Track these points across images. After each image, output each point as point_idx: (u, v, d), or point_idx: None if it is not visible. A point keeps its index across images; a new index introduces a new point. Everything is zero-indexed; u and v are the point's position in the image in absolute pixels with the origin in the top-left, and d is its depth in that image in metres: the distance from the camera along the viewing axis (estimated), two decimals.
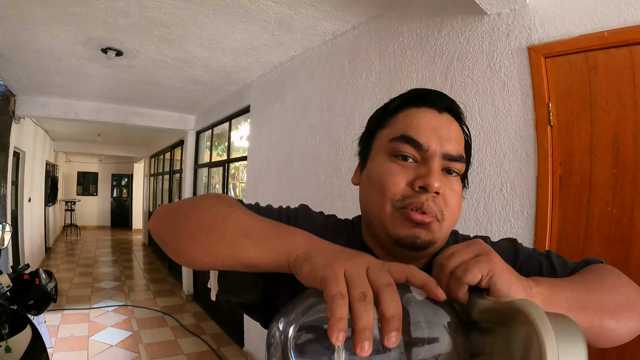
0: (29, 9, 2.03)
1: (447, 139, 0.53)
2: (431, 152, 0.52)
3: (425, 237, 0.51)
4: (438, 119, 0.55)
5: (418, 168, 0.53)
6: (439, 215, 0.52)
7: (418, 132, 0.53)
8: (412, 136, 0.53)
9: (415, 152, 0.53)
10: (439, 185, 0.51)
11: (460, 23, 1.59)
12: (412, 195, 0.51)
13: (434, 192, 0.51)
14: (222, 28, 2.23)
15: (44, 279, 1.99)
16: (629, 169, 1.14)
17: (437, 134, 0.53)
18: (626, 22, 1.15)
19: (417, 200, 0.51)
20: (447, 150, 0.53)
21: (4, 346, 1.66)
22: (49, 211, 7.51)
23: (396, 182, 0.52)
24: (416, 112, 0.55)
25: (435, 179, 0.51)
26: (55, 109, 4.20)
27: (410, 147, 0.53)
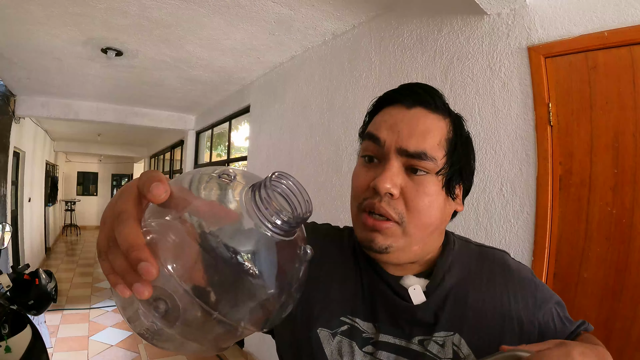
0: (29, 9, 2.03)
1: (407, 135, 0.50)
2: (386, 147, 0.50)
3: (381, 242, 0.50)
4: (403, 115, 0.52)
5: (378, 168, 0.51)
6: (398, 218, 0.49)
7: (378, 127, 0.52)
8: (372, 132, 0.52)
9: (375, 149, 0.52)
10: (389, 186, 0.48)
11: (460, 23, 1.58)
12: (369, 196, 0.50)
13: (388, 194, 0.49)
14: (222, 28, 2.23)
15: (44, 279, 1.99)
16: (629, 169, 1.14)
17: (395, 130, 0.51)
18: (626, 22, 1.15)
19: (370, 202, 0.50)
20: (402, 145, 0.49)
21: (4, 346, 1.66)
22: (49, 211, 7.51)
23: (359, 183, 0.52)
24: (386, 110, 0.54)
25: (385, 180, 0.48)
26: (55, 109, 4.20)
27: (372, 144, 0.52)
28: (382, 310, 0.54)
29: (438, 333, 0.52)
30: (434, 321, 0.52)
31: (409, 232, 0.50)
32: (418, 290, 0.53)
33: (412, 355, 0.51)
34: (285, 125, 2.81)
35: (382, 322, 0.54)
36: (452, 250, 0.58)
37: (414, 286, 0.54)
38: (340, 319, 0.55)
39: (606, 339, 1.12)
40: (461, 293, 0.54)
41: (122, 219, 0.28)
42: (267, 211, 0.29)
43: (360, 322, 0.54)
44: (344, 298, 0.56)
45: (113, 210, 0.29)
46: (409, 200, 0.49)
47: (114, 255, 0.28)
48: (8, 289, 1.85)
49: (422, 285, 0.54)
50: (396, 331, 0.53)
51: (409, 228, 0.50)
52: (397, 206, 0.49)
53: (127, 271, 0.27)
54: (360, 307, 0.55)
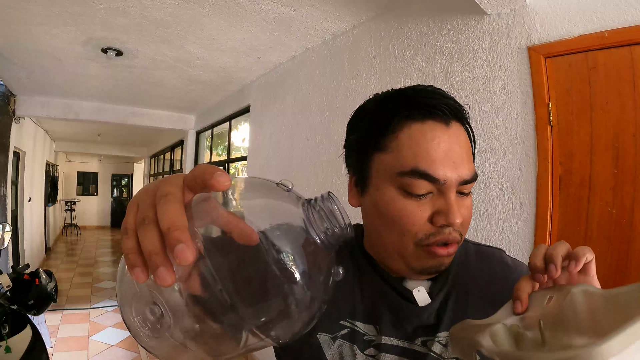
0: (29, 9, 2.03)
1: (460, 162, 0.47)
2: (448, 184, 0.47)
3: (447, 262, 0.51)
4: (448, 137, 0.48)
5: (434, 201, 0.48)
6: (461, 239, 0.51)
7: (430, 163, 0.46)
8: (425, 171, 0.47)
9: (431, 187, 0.48)
10: (460, 220, 0.48)
11: (460, 23, 1.58)
12: (436, 232, 0.48)
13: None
14: (222, 28, 2.23)
15: (44, 279, 1.99)
16: (629, 169, 1.14)
17: (450, 160, 0.47)
18: (626, 22, 1.15)
19: (441, 238, 0.48)
20: (462, 176, 0.48)
21: (4, 346, 1.66)
22: (49, 211, 7.51)
23: (415, 221, 0.48)
24: (420, 131, 0.48)
25: (457, 214, 0.47)
26: (55, 109, 4.20)
27: (425, 182, 0.47)
28: (385, 313, 0.54)
29: (441, 333, 0.52)
30: (437, 322, 0.53)
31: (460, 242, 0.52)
32: (423, 292, 0.54)
33: (416, 356, 0.51)
34: (285, 125, 2.81)
35: (384, 324, 0.53)
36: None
37: (418, 288, 0.54)
38: (340, 322, 0.55)
39: None
40: (462, 292, 0.55)
41: (168, 199, 0.26)
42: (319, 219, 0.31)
43: (361, 324, 0.54)
44: (343, 301, 0.56)
45: (155, 192, 0.27)
46: (465, 221, 0.50)
47: (147, 231, 0.25)
48: (8, 289, 1.85)
49: (426, 287, 0.55)
50: (399, 333, 0.53)
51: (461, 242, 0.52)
52: (461, 229, 0.50)
53: (156, 252, 0.24)
54: (359, 310, 0.55)
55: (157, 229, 0.25)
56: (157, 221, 0.25)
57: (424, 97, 0.49)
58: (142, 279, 0.24)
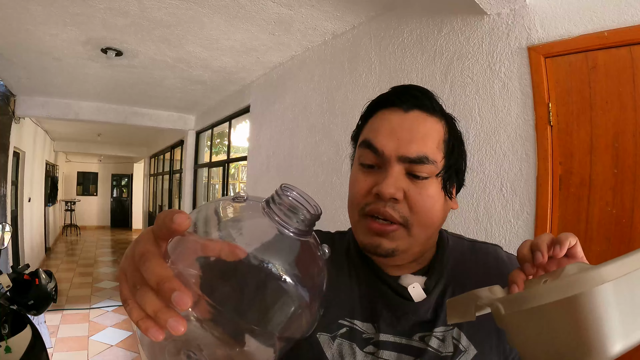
0: (29, 9, 2.03)
1: (406, 141, 0.50)
2: (386, 155, 0.50)
3: (387, 245, 0.51)
4: (401, 119, 0.52)
5: (378, 174, 0.51)
6: (402, 221, 0.50)
7: (376, 135, 0.52)
8: (369, 140, 0.52)
9: (374, 157, 0.52)
10: (392, 192, 0.49)
11: (460, 23, 1.59)
12: (372, 202, 0.51)
13: (392, 199, 0.50)
14: (222, 28, 2.23)
15: (44, 279, 1.99)
16: (629, 169, 1.14)
17: (395, 136, 0.51)
18: (626, 22, 1.15)
19: (374, 207, 0.50)
20: (403, 152, 0.50)
21: (4, 346, 1.66)
22: (49, 211, 7.51)
23: (359, 190, 0.52)
24: (381, 114, 0.54)
25: (389, 186, 0.49)
26: (55, 109, 4.20)
27: (370, 152, 0.52)
28: (383, 310, 0.55)
29: (438, 328, 0.53)
30: (433, 317, 0.53)
31: (414, 234, 0.51)
32: (417, 287, 0.54)
33: (414, 351, 0.52)
34: (285, 125, 2.81)
35: (382, 321, 0.54)
36: (446, 246, 0.60)
37: (413, 284, 0.55)
38: (339, 321, 0.55)
39: None
40: (458, 288, 0.55)
41: (146, 258, 0.27)
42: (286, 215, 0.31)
43: (359, 323, 0.55)
44: (341, 301, 0.57)
45: (133, 256, 0.29)
46: (412, 203, 0.50)
47: (142, 295, 0.27)
48: (8, 289, 1.85)
49: (421, 283, 0.55)
50: (396, 329, 0.53)
51: (413, 230, 0.51)
52: (401, 209, 0.50)
53: (159, 309, 0.26)
54: (358, 309, 0.56)
55: (149, 290, 0.26)
56: (146, 282, 0.26)
57: (391, 91, 0.55)
58: (160, 337, 0.26)
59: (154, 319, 0.26)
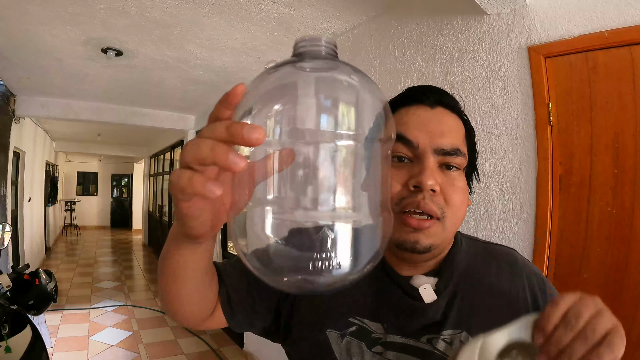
0: (29, 9, 2.03)
1: (438, 133, 0.51)
2: (422, 148, 0.51)
3: (425, 241, 0.50)
4: (429, 114, 0.53)
5: (412, 167, 0.51)
6: (440, 214, 0.50)
7: (407, 129, 0.52)
8: (401, 133, 0.52)
9: (407, 151, 0.51)
10: (433, 182, 0.49)
11: (460, 23, 1.58)
12: (408, 195, 0.50)
13: (431, 190, 0.49)
14: (222, 28, 2.22)
15: (44, 279, 1.99)
16: (629, 169, 1.14)
17: (427, 129, 0.51)
18: (626, 22, 1.15)
19: (413, 200, 0.49)
20: (439, 144, 0.51)
21: (4, 346, 1.66)
22: (49, 211, 7.50)
23: (393, 185, 0.51)
24: (406, 110, 0.54)
25: (429, 176, 0.49)
26: (55, 109, 4.19)
27: (402, 145, 0.51)
28: (392, 311, 0.54)
29: (446, 331, 0.52)
30: (442, 319, 0.53)
31: (447, 228, 0.51)
32: (429, 289, 0.54)
33: (421, 353, 0.52)
34: None
35: (390, 322, 0.54)
36: (459, 247, 0.59)
37: (424, 285, 0.54)
38: (349, 319, 0.55)
39: None
40: (469, 290, 0.55)
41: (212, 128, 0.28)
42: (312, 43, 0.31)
43: (369, 322, 0.55)
44: (352, 299, 0.56)
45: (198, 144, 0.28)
46: (447, 195, 0.50)
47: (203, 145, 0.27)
48: (8, 289, 1.85)
49: (432, 284, 0.55)
50: (404, 331, 0.53)
51: (447, 224, 0.51)
52: (439, 201, 0.50)
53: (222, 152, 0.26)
54: (368, 308, 0.56)
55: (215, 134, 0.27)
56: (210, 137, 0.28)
57: (413, 89, 0.57)
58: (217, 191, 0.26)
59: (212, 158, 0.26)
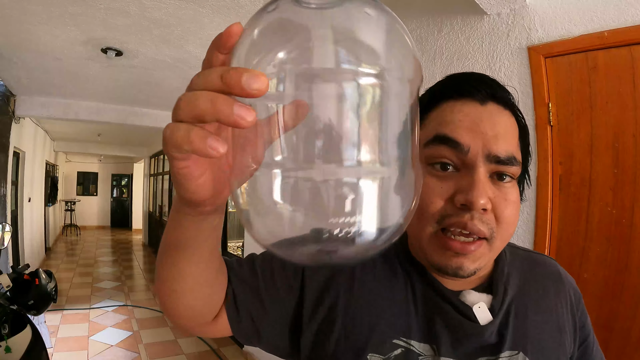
0: (29, 9, 2.03)
1: (492, 137, 0.42)
2: (472, 154, 0.42)
3: (470, 266, 0.43)
4: (480, 112, 0.44)
5: (459, 178, 0.43)
6: (489, 234, 0.43)
7: (454, 128, 0.43)
8: (447, 134, 0.43)
9: (454, 156, 0.43)
10: (485, 202, 0.41)
11: (460, 23, 1.59)
12: (453, 213, 0.42)
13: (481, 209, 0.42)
14: (222, 28, 2.21)
15: (44, 279, 1.99)
16: (629, 169, 1.14)
17: (479, 131, 0.42)
18: (626, 22, 1.15)
19: (458, 221, 0.42)
20: (493, 151, 0.42)
21: (4, 346, 1.66)
22: (49, 211, 7.51)
23: (434, 199, 0.43)
24: (451, 106, 0.45)
25: (481, 194, 0.40)
26: (55, 109, 4.19)
27: (447, 148, 0.43)
28: (443, 330, 0.48)
29: (503, 353, 0.47)
30: (498, 340, 0.47)
31: (495, 247, 0.44)
32: (484, 308, 0.48)
33: None
34: None
35: (442, 343, 0.47)
36: (505, 259, 0.53)
37: (478, 304, 0.48)
38: (393, 341, 0.48)
39: (606, 339, 1.12)
40: (521, 307, 0.50)
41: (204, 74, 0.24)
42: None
43: (416, 343, 0.48)
44: (395, 317, 0.49)
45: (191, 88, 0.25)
46: (499, 212, 0.43)
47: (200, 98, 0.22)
48: (8, 289, 1.85)
49: (486, 302, 0.49)
50: (458, 352, 0.47)
51: (495, 244, 0.44)
52: (489, 221, 0.43)
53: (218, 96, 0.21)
54: (414, 327, 0.49)
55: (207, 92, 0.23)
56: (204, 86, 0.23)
57: (458, 80, 0.47)
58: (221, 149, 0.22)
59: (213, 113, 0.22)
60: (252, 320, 0.50)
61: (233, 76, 0.21)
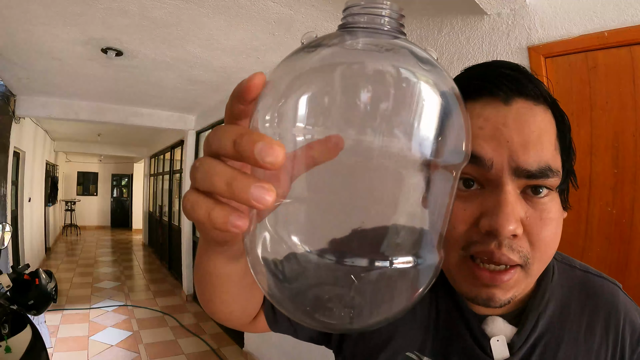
0: (29, 9, 2.03)
1: (520, 145, 0.36)
2: (497, 168, 0.36)
3: (502, 297, 0.38)
4: (504, 114, 0.37)
5: (484, 198, 0.37)
6: (522, 262, 0.37)
7: (473, 139, 0.36)
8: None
9: (475, 172, 0.37)
10: (514, 227, 0.35)
11: (460, 23, 1.58)
12: (479, 240, 0.37)
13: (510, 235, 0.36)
14: (222, 28, 2.22)
15: (44, 279, 1.99)
16: (629, 169, 1.14)
17: (502, 140, 0.36)
18: (626, 22, 1.15)
19: (485, 249, 0.36)
20: (522, 163, 0.35)
21: (4, 346, 1.66)
22: (49, 211, 7.51)
23: (457, 223, 0.38)
24: (470, 109, 0.38)
25: (508, 218, 0.34)
26: (55, 109, 4.19)
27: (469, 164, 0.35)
28: (456, 355, 0.45)
29: None
30: None
31: (532, 273, 0.39)
32: (502, 342, 0.43)
33: None
34: None
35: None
36: (550, 282, 0.46)
37: (497, 337, 0.43)
38: (406, 354, 0.46)
39: None
40: (552, 344, 0.44)
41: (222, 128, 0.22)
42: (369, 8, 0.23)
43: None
44: (412, 330, 0.47)
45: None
46: (534, 235, 0.37)
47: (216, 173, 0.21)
48: (8, 289, 1.85)
49: (508, 336, 0.44)
50: None
51: (532, 269, 0.38)
52: (521, 247, 0.37)
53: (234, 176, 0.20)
54: (429, 344, 0.47)
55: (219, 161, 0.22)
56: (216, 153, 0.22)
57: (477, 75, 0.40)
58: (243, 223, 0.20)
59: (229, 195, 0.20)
60: (289, 320, 0.52)
61: (246, 145, 0.19)
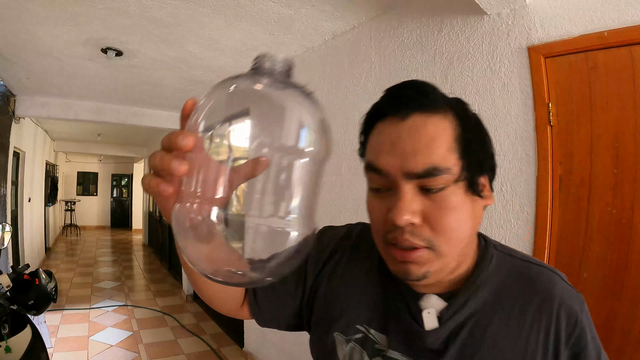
0: (29, 9, 2.03)
1: (409, 154, 0.43)
2: (392, 176, 0.45)
3: (417, 271, 0.46)
4: (399, 129, 0.45)
5: (390, 198, 0.46)
6: (426, 244, 0.45)
7: (377, 155, 0.46)
8: (371, 162, 0.47)
9: (381, 181, 0.46)
10: (407, 218, 0.43)
11: (460, 23, 1.59)
12: (391, 229, 0.46)
13: (410, 224, 0.44)
14: (222, 28, 2.22)
15: (44, 279, 1.99)
16: (629, 169, 1.14)
17: (396, 151, 0.44)
18: (626, 22, 1.15)
19: (394, 236, 0.46)
20: (409, 168, 0.43)
21: (4, 346, 1.66)
22: (49, 211, 7.51)
23: (377, 218, 0.48)
24: (379, 128, 0.48)
25: (401, 212, 0.43)
26: (55, 109, 4.19)
27: (375, 175, 0.47)
28: (396, 327, 0.53)
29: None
30: (442, 348, 0.49)
31: (443, 253, 0.46)
32: (432, 314, 0.50)
33: None
34: None
35: (394, 337, 0.52)
36: (486, 268, 0.52)
37: (428, 309, 0.51)
38: (356, 326, 0.55)
39: (606, 339, 1.12)
40: (482, 322, 0.49)
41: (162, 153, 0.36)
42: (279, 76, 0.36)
43: (375, 332, 0.54)
44: (363, 306, 0.56)
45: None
46: (434, 222, 0.44)
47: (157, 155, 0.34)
48: (8, 289, 1.84)
49: (438, 309, 0.50)
50: (405, 349, 0.51)
51: (442, 249, 0.45)
52: (423, 233, 0.45)
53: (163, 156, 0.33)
54: (376, 318, 0.55)
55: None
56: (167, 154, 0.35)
57: (388, 97, 0.49)
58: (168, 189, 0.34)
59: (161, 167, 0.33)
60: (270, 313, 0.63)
61: (173, 137, 0.33)
